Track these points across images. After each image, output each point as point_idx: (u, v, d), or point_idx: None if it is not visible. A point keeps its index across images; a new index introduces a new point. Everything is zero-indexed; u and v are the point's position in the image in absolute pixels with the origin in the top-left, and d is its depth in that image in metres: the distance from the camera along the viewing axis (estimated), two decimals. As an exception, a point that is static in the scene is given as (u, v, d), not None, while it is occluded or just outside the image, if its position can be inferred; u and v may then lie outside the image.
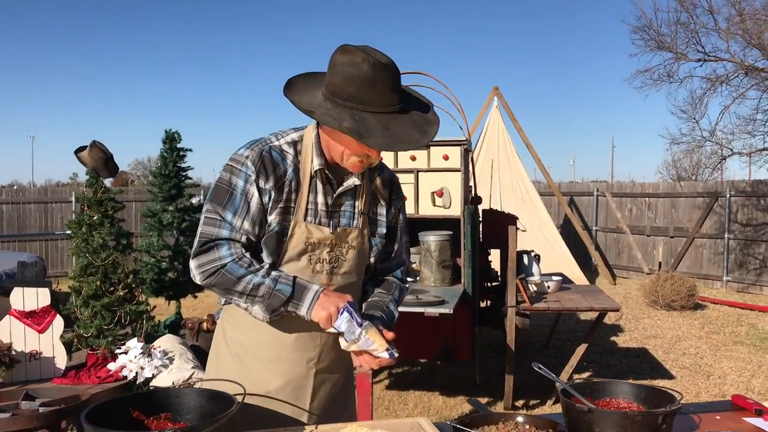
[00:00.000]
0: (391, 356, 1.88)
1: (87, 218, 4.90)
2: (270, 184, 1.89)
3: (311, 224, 1.95)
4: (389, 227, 2.14)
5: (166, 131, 7.29)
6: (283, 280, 1.86)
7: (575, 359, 5.74)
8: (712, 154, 13.13)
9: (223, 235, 1.87)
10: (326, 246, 1.98)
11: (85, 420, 1.51)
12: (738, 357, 7.44)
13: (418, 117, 1.84)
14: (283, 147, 1.94)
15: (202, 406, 1.73)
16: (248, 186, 1.88)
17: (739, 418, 2.02)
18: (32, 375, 3.77)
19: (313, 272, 1.97)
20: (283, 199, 1.91)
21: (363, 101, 1.77)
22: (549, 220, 12.10)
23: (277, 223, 1.91)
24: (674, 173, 35.76)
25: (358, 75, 1.76)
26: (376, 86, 1.76)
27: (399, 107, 1.81)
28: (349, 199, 2.01)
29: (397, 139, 1.77)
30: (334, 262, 2.00)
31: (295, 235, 1.93)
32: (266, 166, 1.88)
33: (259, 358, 2.01)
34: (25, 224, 13.65)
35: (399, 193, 2.17)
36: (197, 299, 8.12)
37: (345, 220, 2.01)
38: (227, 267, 1.85)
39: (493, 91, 12.31)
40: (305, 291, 1.86)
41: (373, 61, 1.76)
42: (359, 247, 2.04)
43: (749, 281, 12.12)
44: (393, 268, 2.20)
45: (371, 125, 1.76)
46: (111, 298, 4.68)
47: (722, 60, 11.26)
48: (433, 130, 1.84)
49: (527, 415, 1.90)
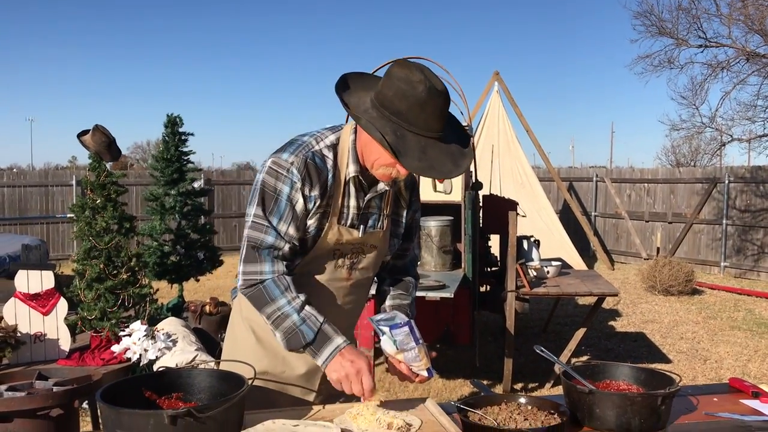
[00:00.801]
0: (430, 375, 1.98)
1: (90, 202, 4.92)
2: (316, 192, 1.91)
3: (343, 227, 1.99)
4: (407, 227, 2.19)
5: (168, 116, 7.29)
6: (311, 322, 1.87)
7: (574, 343, 5.79)
8: (712, 140, 13.14)
9: (268, 242, 1.89)
10: (350, 245, 2.03)
11: (100, 399, 1.55)
12: (735, 342, 7.51)
13: (455, 148, 1.85)
14: (323, 151, 1.94)
15: (212, 386, 1.77)
16: (294, 193, 1.89)
17: (736, 400, 2.07)
18: (37, 356, 3.80)
19: (335, 267, 2.03)
20: (324, 204, 1.95)
21: (409, 120, 1.77)
22: (548, 205, 12.13)
23: (315, 227, 1.95)
24: (673, 159, 35.75)
25: (412, 95, 1.75)
26: (426, 110, 1.76)
27: (440, 135, 1.82)
28: (377, 201, 2.05)
29: (431, 165, 1.79)
30: (354, 259, 2.05)
31: (328, 237, 1.97)
32: (311, 175, 1.89)
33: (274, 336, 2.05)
34: (27, 207, 13.67)
35: (417, 195, 2.23)
36: (199, 283, 8.17)
37: (372, 222, 2.05)
38: (266, 284, 1.89)
39: (494, 76, 12.30)
40: (327, 342, 1.87)
41: (430, 85, 1.76)
42: (381, 246, 2.10)
43: (747, 267, 12.18)
44: (407, 264, 2.27)
45: (410, 145, 1.77)
46: (114, 281, 4.71)
47: (723, 46, 11.24)
48: (465, 164, 1.86)
49: (529, 396, 1.94)
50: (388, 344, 1.93)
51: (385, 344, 1.95)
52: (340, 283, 2.06)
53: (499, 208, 6.31)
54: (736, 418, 1.89)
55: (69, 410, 2.08)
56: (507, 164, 11.87)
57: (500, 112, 12.16)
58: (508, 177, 11.76)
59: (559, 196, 15.08)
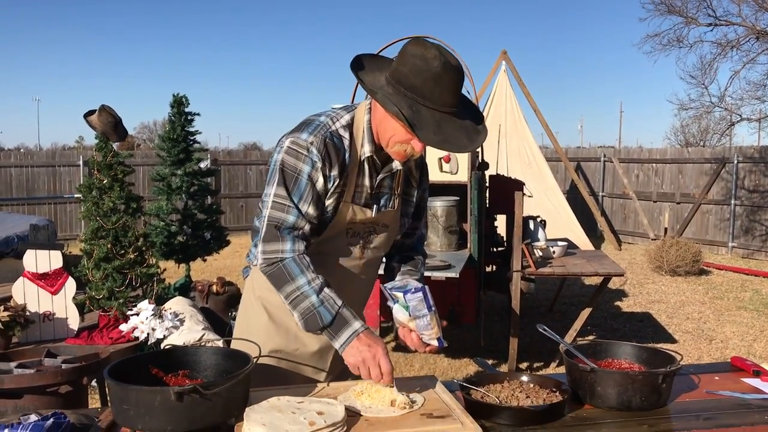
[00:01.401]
0: (441, 345, 1.95)
1: (97, 182, 4.94)
2: (335, 172, 1.94)
3: (357, 206, 2.01)
4: (416, 205, 2.22)
5: (174, 95, 7.29)
6: (329, 305, 1.86)
7: (579, 323, 5.81)
8: (721, 119, 13.06)
9: (290, 221, 1.90)
10: (363, 224, 2.05)
11: (108, 375, 1.58)
12: (741, 322, 7.51)
13: (469, 124, 1.87)
14: (340, 131, 1.97)
15: (218, 363, 1.79)
16: (314, 172, 1.91)
17: (737, 378, 2.08)
18: (46, 335, 3.84)
19: (348, 245, 2.06)
20: (341, 184, 1.97)
21: (424, 95, 1.79)
22: (555, 185, 12.09)
23: (332, 207, 1.98)
24: (682, 139, 35.55)
25: (427, 69, 1.77)
26: (440, 84, 1.78)
27: (454, 110, 1.84)
28: (388, 180, 2.07)
29: (446, 139, 1.80)
30: (366, 238, 2.08)
31: (342, 216, 2.00)
32: (330, 155, 1.92)
33: (287, 315, 2.07)
34: (34, 188, 13.73)
35: (426, 174, 2.25)
36: (206, 262, 8.21)
37: (383, 201, 2.07)
38: (286, 262, 1.88)
39: (501, 55, 12.21)
40: (344, 326, 1.86)
41: (444, 60, 1.78)
42: (392, 225, 2.12)
43: (755, 247, 12.15)
44: (415, 243, 2.30)
45: (426, 120, 1.79)
46: (122, 261, 4.74)
47: (733, 24, 11.12)
48: (480, 139, 1.88)
49: (531, 374, 1.96)
50: (401, 312, 1.93)
51: (398, 312, 1.94)
52: (353, 261, 2.09)
53: (505, 189, 6.31)
54: (737, 396, 1.90)
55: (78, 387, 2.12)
56: (514, 144, 11.83)
57: (507, 92, 12.10)
58: (516, 157, 11.73)
59: (566, 177, 15.03)
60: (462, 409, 1.74)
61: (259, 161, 15.78)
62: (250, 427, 1.57)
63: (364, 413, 1.72)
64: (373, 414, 1.72)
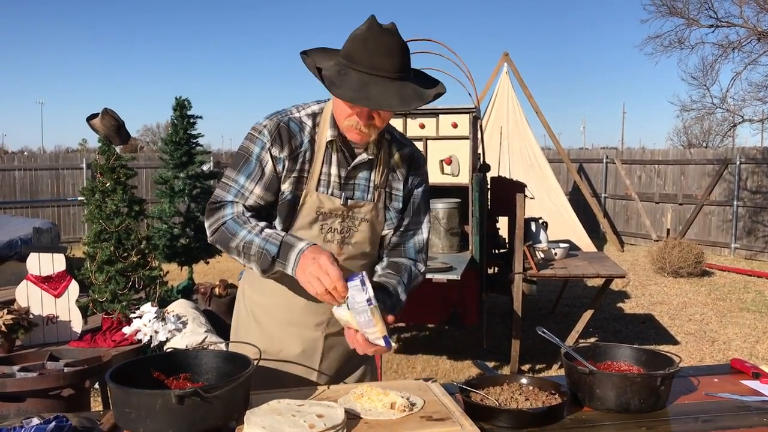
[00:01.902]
0: (388, 345, 1.84)
1: (100, 185, 4.97)
2: (284, 154, 1.94)
3: (323, 194, 1.98)
4: (404, 201, 2.11)
5: (177, 98, 7.32)
6: (273, 239, 1.86)
7: (581, 325, 5.81)
8: (723, 121, 13.05)
9: (228, 198, 1.95)
10: (338, 216, 2.01)
11: (109, 379, 1.59)
12: (743, 323, 7.51)
13: (411, 90, 1.81)
14: (302, 118, 1.99)
15: (219, 366, 1.80)
16: (263, 153, 1.94)
17: (737, 380, 2.08)
18: (50, 338, 3.87)
19: (324, 241, 2.00)
20: (297, 169, 1.96)
21: (353, 59, 1.79)
22: (558, 187, 12.09)
23: (290, 192, 1.97)
24: (685, 140, 35.54)
25: (357, 34, 1.80)
26: (368, 46, 1.77)
27: (393, 75, 1.78)
28: (365, 172, 2.02)
29: (367, 96, 1.75)
30: (345, 233, 2.03)
31: (307, 204, 1.98)
32: (282, 136, 1.94)
33: (274, 319, 2.10)
34: (38, 190, 13.76)
35: (419, 170, 2.14)
36: (209, 265, 8.23)
37: (359, 193, 2.03)
38: (227, 224, 1.92)
39: (503, 57, 12.22)
40: (290, 250, 1.83)
41: (371, 22, 1.78)
42: (372, 219, 2.05)
43: (757, 248, 12.13)
44: (407, 246, 2.15)
45: (350, 80, 1.77)
46: (125, 264, 4.77)
47: (735, 25, 11.13)
48: (416, 104, 1.81)
49: (531, 376, 1.97)
50: (341, 308, 1.80)
51: (337, 309, 1.82)
52: None
53: (507, 190, 6.32)
54: (736, 399, 1.91)
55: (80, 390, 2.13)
56: (516, 146, 11.82)
57: (509, 94, 12.10)
58: (518, 159, 11.73)
59: (568, 178, 15.03)
60: (461, 411, 1.75)
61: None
62: (251, 429, 1.58)
63: (364, 416, 1.73)
64: (373, 417, 1.72)
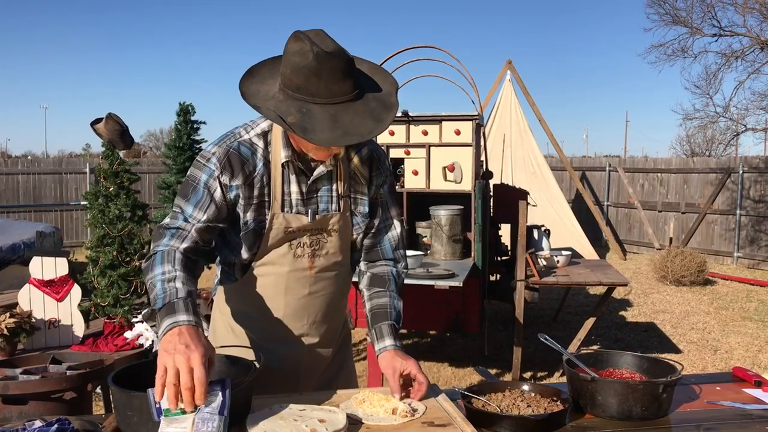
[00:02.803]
0: None
1: (103, 189, 4.97)
2: (237, 182, 1.87)
3: (288, 214, 1.92)
4: (371, 203, 2.06)
5: (181, 104, 7.35)
6: (169, 294, 1.68)
7: (583, 332, 5.80)
8: (726, 129, 13.05)
9: (174, 225, 1.86)
10: (306, 231, 1.96)
11: (111, 382, 1.59)
12: (746, 332, 7.49)
13: (375, 103, 1.75)
14: (252, 140, 1.91)
15: (221, 371, 1.80)
16: (211, 181, 1.86)
17: (739, 389, 2.08)
18: (51, 342, 3.87)
19: (294, 256, 1.96)
20: (256, 195, 1.90)
21: (311, 92, 1.68)
22: (560, 194, 12.10)
23: (252, 219, 1.91)
24: (688, 149, 35.54)
25: (305, 65, 1.66)
26: (322, 77, 1.66)
27: (353, 95, 1.72)
28: (326, 183, 1.97)
29: (346, 131, 1.67)
30: (315, 245, 1.98)
31: (274, 227, 1.92)
32: (233, 164, 1.86)
33: (251, 334, 2.07)
34: (41, 195, 13.79)
35: (381, 168, 2.07)
36: (211, 270, 8.23)
37: (323, 205, 1.97)
38: (156, 254, 1.81)
39: (506, 64, 12.24)
40: (169, 315, 1.62)
41: (317, 50, 1.65)
42: (341, 229, 2.01)
43: (760, 257, 12.12)
44: (383, 245, 2.12)
45: (318, 118, 1.68)
46: (127, 268, 4.77)
47: (738, 35, 11.15)
48: (389, 117, 1.74)
49: (533, 383, 1.97)
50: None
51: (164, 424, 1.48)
52: (303, 272, 2.00)
53: (509, 198, 6.32)
54: (738, 407, 1.91)
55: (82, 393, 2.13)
56: (519, 153, 11.84)
57: (512, 101, 12.12)
58: (520, 166, 11.74)
59: (571, 186, 15.03)
60: (463, 417, 1.75)
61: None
62: (253, 434, 1.58)
63: (366, 421, 1.73)
64: (375, 422, 1.72)
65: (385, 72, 1.87)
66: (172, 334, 1.56)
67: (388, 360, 1.92)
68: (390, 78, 1.84)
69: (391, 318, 2.01)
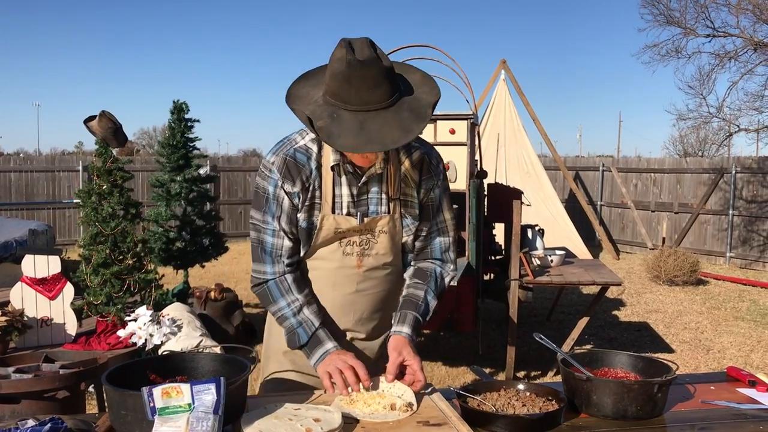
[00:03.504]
0: None
1: (96, 187, 4.96)
2: (297, 188, 1.96)
3: (339, 216, 1.99)
4: (420, 206, 2.09)
5: (174, 102, 7.31)
6: (307, 326, 1.99)
7: (576, 332, 5.81)
8: (719, 130, 13.10)
9: (267, 240, 2.01)
10: (355, 232, 2.02)
11: (105, 381, 1.58)
12: (738, 332, 7.52)
13: (408, 113, 1.76)
14: (307, 145, 1.98)
15: (216, 370, 1.80)
16: (277, 191, 1.97)
17: (733, 388, 2.09)
18: (44, 340, 3.85)
19: (343, 254, 2.04)
20: (309, 198, 1.98)
21: (343, 99, 1.74)
22: (554, 194, 12.12)
23: (304, 219, 2.00)
24: (681, 149, 35.68)
25: (339, 72, 1.72)
26: (353, 84, 1.71)
27: (385, 103, 1.74)
28: (376, 185, 2.01)
29: (370, 140, 1.71)
30: (364, 245, 2.04)
31: (324, 227, 2.00)
32: (291, 172, 1.95)
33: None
34: (34, 192, 13.73)
35: (431, 172, 2.08)
36: (204, 269, 8.21)
37: (373, 207, 2.02)
38: (269, 284, 2.03)
39: (501, 64, 12.25)
40: (317, 346, 1.97)
41: (350, 58, 1.69)
42: (391, 231, 2.05)
43: (752, 258, 12.17)
44: (433, 247, 2.15)
45: (346, 125, 1.72)
46: (120, 267, 4.76)
47: (731, 35, 11.18)
48: (419, 128, 1.76)
49: (528, 382, 1.97)
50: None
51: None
52: (351, 270, 2.06)
53: (503, 197, 6.32)
54: (732, 406, 1.91)
55: (75, 392, 2.12)
56: (513, 153, 11.85)
57: (507, 101, 12.13)
58: (514, 166, 11.75)
59: (565, 185, 15.05)
60: (458, 417, 1.75)
61: (258, 168, 15.78)
62: (247, 433, 1.57)
63: (366, 419, 1.73)
64: (380, 419, 1.72)
65: (433, 83, 1.88)
66: (328, 358, 1.92)
67: (399, 344, 1.97)
68: (436, 90, 1.86)
69: (418, 311, 2.07)
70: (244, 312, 6.78)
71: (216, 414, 1.50)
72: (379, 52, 1.76)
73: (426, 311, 2.08)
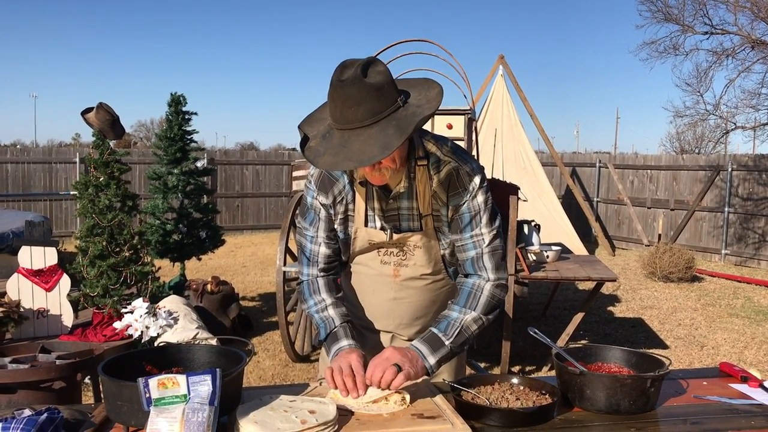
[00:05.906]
0: None
1: (93, 179, 4.95)
2: (329, 201, 2.08)
3: (371, 229, 2.06)
4: (451, 221, 2.04)
5: (172, 94, 7.30)
6: (328, 324, 2.08)
7: (572, 327, 5.83)
8: (716, 127, 13.12)
9: (306, 245, 2.16)
10: (391, 245, 2.09)
11: (101, 371, 1.59)
12: (732, 329, 7.55)
13: (393, 130, 1.74)
14: None
15: (212, 361, 1.81)
16: (314, 201, 2.10)
17: (725, 384, 2.10)
18: (40, 332, 3.86)
19: (381, 263, 2.12)
20: (342, 211, 2.09)
21: (334, 118, 1.78)
22: (551, 190, 12.13)
23: (341, 231, 2.13)
24: (678, 146, 35.70)
25: (328, 92, 1.78)
26: (336, 103, 1.75)
27: (368, 121, 1.74)
28: (406, 201, 2.03)
29: (347, 157, 1.73)
30: (401, 256, 2.10)
31: (358, 239, 2.09)
32: (325, 186, 2.07)
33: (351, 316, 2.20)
34: (30, 184, 13.71)
35: (459, 189, 2.00)
36: (201, 261, 8.21)
37: (405, 223, 2.06)
38: (303, 284, 2.19)
39: (499, 59, 12.24)
40: (334, 343, 2.04)
41: (334, 78, 1.75)
42: (425, 245, 2.07)
43: (747, 255, 12.20)
44: (465, 261, 2.06)
45: (333, 143, 1.77)
46: (117, 259, 4.75)
47: (729, 33, 11.18)
48: (397, 143, 1.72)
49: (522, 376, 1.98)
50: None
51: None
52: (389, 278, 2.14)
53: (500, 192, 6.32)
54: (724, 401, 1.93)
55: (71, 383, 2.13)
56: (510, 149, 11.85)
57: (504, 97, 12.12)
58: (511, 161, 11.75)
59: (561, 182, 15.07)
60: (453, 410, 1.76)
61: (255, 161, 15.79)
62: (243, 424, 1.58)
63: (361, 410, 1.74)
64: (374, 412, 1.73)
65: (435, 95, 1.84)
66: (337, 357, 1.97)
67: (393, 352, 1.91)
68: (433, 104, 1.82)
69: (439, 328, 1.99)
70: (240, 305, 6.79)
71: (212, 405, 1.50)
72: (372, 71, 1.75)
73: (447, 326, 1.99)
